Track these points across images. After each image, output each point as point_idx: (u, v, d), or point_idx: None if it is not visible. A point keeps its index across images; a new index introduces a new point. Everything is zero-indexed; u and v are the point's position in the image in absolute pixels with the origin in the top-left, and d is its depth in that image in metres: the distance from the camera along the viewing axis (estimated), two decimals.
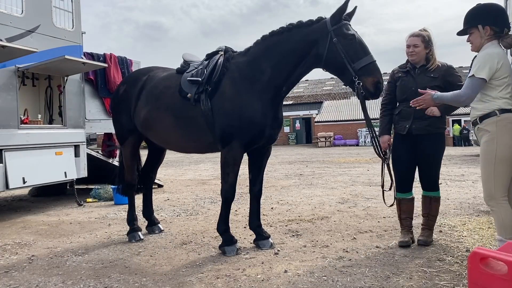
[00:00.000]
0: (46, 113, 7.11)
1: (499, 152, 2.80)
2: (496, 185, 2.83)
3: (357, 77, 3.26)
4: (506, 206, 2.83)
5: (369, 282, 2.91)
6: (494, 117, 2.82)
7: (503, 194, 2.84)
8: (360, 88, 3.27)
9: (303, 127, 36.42)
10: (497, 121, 2.81)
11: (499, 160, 2.80)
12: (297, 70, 3.54)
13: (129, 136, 4.39)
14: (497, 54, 2.82)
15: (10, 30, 5.70)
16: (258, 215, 4.00)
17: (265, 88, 3.57)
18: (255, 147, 3.76)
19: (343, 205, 5.91)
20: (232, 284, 2.98)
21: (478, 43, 2.93)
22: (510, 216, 2.81)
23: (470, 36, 2.97)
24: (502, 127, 2.79)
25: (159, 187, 8.49)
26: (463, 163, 12.78)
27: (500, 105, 2.81)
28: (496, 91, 2.83)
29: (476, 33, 2.92)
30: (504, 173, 2.82)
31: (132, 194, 4.52)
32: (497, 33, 2.88)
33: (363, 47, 3.31)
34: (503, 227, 2.83)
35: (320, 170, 11.62)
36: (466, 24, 2.98)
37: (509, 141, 2.79)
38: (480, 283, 2.34)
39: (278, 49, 3.52)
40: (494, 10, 2.92)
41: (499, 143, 2.80)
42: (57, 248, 4.09)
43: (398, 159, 3.78)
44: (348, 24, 3.35)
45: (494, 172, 2.83)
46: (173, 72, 4.15)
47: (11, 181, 5.52)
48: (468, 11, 2.99)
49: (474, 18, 2.93)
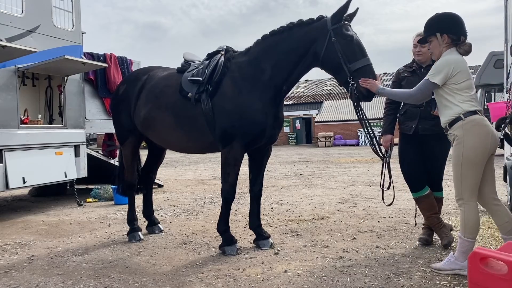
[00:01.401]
0: (46, 113, 7.11)
1: (465, 156, 2.91)
2: (464, 187, 2.94)
3: (352, 78, 3.26)
4: (472, 207, 2.95)
5: (369, 282, 2.91)
6: (460, 121, 2.92)
7: (471, 195, 2.94)
8: (354, 90, 3.27)
9: (303, 127, 36.38)
10: (463, 125, 2.91)
11: (466, 163, 2.91)
12: (297, 69, 3.54)
13: (129, 136, 4.39)
14: (454, 60, 2.95)
15: (10, 30, 5.70)
16: (258, 215, 4.00)
17: (266, 88, 3.57)
18: (256, 147, 3.76)
19: (343, 205, 5.91)
20: (232, 284, 2.98)
21: (438, 51, 3.08)
22: (474, 218, 2.93)
23: (430, 45, 3.12)
24: (468, 130, 2.89)
25: (159, 187, 8.48)
26: None
27: (465, 108, 2.91)
28: (458, 96, 2.95)
29: (435, 41, 3.07)
30: (471, 175, 2.92)
31: (132, 194, 4.52)
32: (454, 41, 3.02)
33: (360, 49, 3.31)
34: (465, 226, 2.96)
35: (320, 170, 11.62)
36: (426, 32, 3.12)
37: (474, 143, 2.88)
38: (480, 283, 2.34)
39: (279, 48, 3.51)
40: (451, 19, 3.06)
41: (465, 147, 2.90)
42: (57, 248, 4.09)
43: (405, 159, 3.75)
44: (348, 25, 3.35)
45: (461, 175, 2.94)
46: (173, 71, 4.14)
47: (11, 181, 5.52)
48: (428, 20, 3.13)
49: (432, 26, 3.08)
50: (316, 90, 40.43)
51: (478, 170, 2.91)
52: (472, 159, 2.88)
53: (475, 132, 2.87)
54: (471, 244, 2.96)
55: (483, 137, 2.88)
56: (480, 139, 2.88)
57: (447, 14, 3.08)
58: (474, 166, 2.89)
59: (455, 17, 3.06)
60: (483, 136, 2.88)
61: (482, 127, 2.89)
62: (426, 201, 3.71)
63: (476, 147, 2.88)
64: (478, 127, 2.88)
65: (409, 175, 3.75)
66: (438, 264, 3.11)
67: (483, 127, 2.89)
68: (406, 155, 3.75)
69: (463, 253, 2.95)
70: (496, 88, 14.33)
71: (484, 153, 2.90)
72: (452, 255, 3.04)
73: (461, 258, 2.97)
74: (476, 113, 2.91)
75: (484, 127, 2.89)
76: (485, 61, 14.83)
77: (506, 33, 5.87)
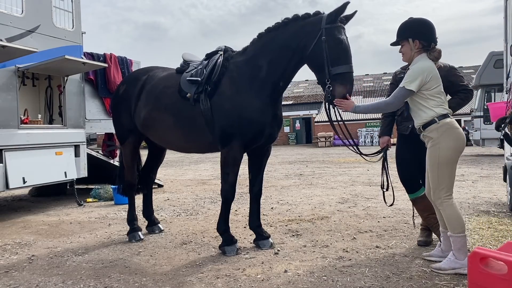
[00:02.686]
0: (46, 113, 7.12)
1: (442, 156, 3.04)
2: (441, 186, 3.06)
3: (330, 81, 3.27)
4: (451, 203, 3.07)
5: (369, 282, 2.91)
6: (434, 124, 3.06)
7: (449, 193, 3.08)
8: (329, 92, 3.28)
9: (303, 127, 36.37)
10: (438, 128, 3.05)
11: (443, 164, 3.04)
12: (291, 64, 3.52)
13: (129, 135, 4.39)
14: (427, 68, 3.07)
15: (10, 30, 5.70)
16: (258, 215, 4.00)
17: (263, 85, 3.57)
18: (255, 146, 3.76)
19: (343, 205, 5.91)
20: (232, 284, 2.98)
21: (409, 54, 3.19)
22: (456, 212, 3.06)
23: (401, 48, 3.23)
24: (443, 133, 3.04)
25: (159, 187, 8.49)
26: (463, 163, 12.77)
27: (438, 112, 3.06)
28: (431, 101, 3.08)
29: (406, 45, 3.18)
30: (448, 174, 3.06)
31: (132, 194, 4.52)
32: (425, 47, 3.13)
33: (346, 55, 3.30)
34: (450, 223, 3.06)
35: (320, 170, 11.61)
36: (398, 36, 3.22)
37: (450, 144, 3.04)
38: (480, 283, 2.35)
39: (274, 44, 3.52)
40: (423, 26, 3.16)
41: (442, 148, 3.04)
42: (57, 248, 4.09)
43: (402, 160, 3.76)
44: (341, 28, 3.33)
45: (439, 175, 3.06)
46: (172, 72, 4.15)
47: (11, 181, 5.52)
48: (401, 24, 3.23)
49: (405, 31, 3.18)
50: (316, 90, 40.40)
51: (453, 168, 3.08)
52: (449, 158, 3.04)
53: (449, 133, 3.04)
54: (463, 238, 3.04)
55: (457, 138, 3.05)
56: (454, 139, 3.05)
57: (420, 20, 3.18)
58: (451, 165, 3.06)
59: (427, 23, 3.15)
60: (457, 137, 3.05)
61: (455, 129, 3.06)
62: (422, 202, 3.71)
63: (452, 147, 3.04)
64: (452, 129, 3.05)
65: (405, 176, 3.76)
66: (438, 264, 3.12)
67: (456, 129, 3.07)
68: (403, 156, 3.76)
69: (460, 250, 3.02)
70: (496, 88, 14.34)
71: (458, 152, 3.08)
72: (451, 254, 3.06)
73: (460, 256, 3.01)
74: (448, 116, 3.09)
75: (456, 129, 3.07)
76: (485, 61, 14.84)
77: (506, 33, 5.87)
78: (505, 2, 5.82)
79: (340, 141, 20.51)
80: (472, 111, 15.95)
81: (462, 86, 3.62)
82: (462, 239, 3.03)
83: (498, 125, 4.02)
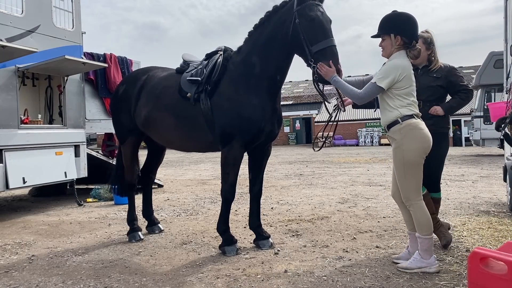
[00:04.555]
0: (46, 113, 7.11)
1: (406, 158, 3.00)
2: (410, 188, 3.04)
3: (313, 60, 3.24)
4: (420, 205, 3.05)
5: (369, 282, 2.91)
6: (398, 125, 3.01)
7: (417, 195, 3.05)
8: (314, 72, 3.26)
9: (303, 127, 36.36)
10: (401, 129, 3.00)
11: (408, 165, 3.00)
12: (282, 55, 3.52)
13: (129, 135, 4.40)
14: (402, 66, 2.98)
15: (10, 30, 5.70)
16: (258, 215, 4.00)
17: (260, 81, 3.58)
18: (256, 144, 3.76)
19: (343, 205, 5.91)
20: (232, 284, 2.98)
21: (389, 50, 3.09)
22: (425, 215, 3.04)
23: (382, 42, 3.12)
24: (406, 134, 2.98)
25: (159, 187, 8.48)
26: (463, 163, 12.77)
27: (402, 112, 2.99)
28: (398, 100, 3.01)
29: (388, 40, 3.07)
30: (413, 176, 3.02)
31: (132, 194, 4.52)
32: (406, 44, 3.04)
33: (322, 30, 3.24)
34: (419, 225, 3.05)
35: (320, 170, 11.61)
36: (380, 30, 3.10)
37: (412, 146, 2.98)
38: (480, 283, 2.34)
39: (262, 39, 3.54)
40: (407, 22, 3.04)
41: (405, 149, 2.99)
42: (57, 248, 4.09)
43: None
44: (313, 4, 3.27)
45: (405, 177, 3.03)
46: (172, 72, 4.16)
47: (11, 181, 5.52)
48: (384, 17, 3.10)
49: (388, 26, 3.06)
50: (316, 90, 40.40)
51: (419, 170, 3.03)
52: (413, 160, 2.99)
53: (412, 135, 2.98)
54: (430, 240, 3.06)
55: (420, 139, 2.99)
56: (417, 141, 2.99)
57: (404, 16, 3.06)
58: (415, 167, 3.01)
59: (411, 19, 3.05)
60: (420, 138, 2.99)
61: (418, 130, 2.99)
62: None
63: (415, 149, 2.99)
64: (414, 130, 2.98)
65: None
66: (404, 263, 3.15)
67: (419, 130, 3.00)
68: None
69: (426, 251, 3.05)
70: (496, 88, 14.34)
71: (422, 154, 3.01)
72: (417, 253, 3.09)
73: (426, 255, 3.04)
74: (413, 117, 3.01)
75: (420, 130, 3.00)
76: (485, 61, 14.84)
77: (506, 33, 5.87)
78: (505, 2, 5.83)
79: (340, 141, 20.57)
80: (472, 111, 15.97)
81: (462, 86, 3.62)
82: (430, 240, 3.04)
83: (498, 125, 4.02)
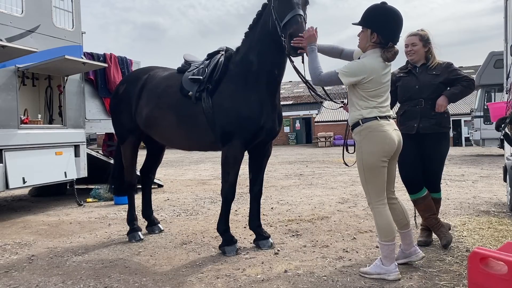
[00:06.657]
0: (46, 113, 7.11)
1: (365, 161, 2.93)
2: (370, 191, 2.96)
3: (284, 35, 3.25)
4: (381, 210, 2.94)
5: (369, 282, 2.91)
6: (359, 126, 2.95)
7: (378, 199, 2.95)
8: (285, 47, 3.26)
9: (303, 127, 36.37)
10: (361, 131, 2.94)
11: (367, 168, 2.93)
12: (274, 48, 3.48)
13: (129, 135, 4.40)
14: (371, 68, 2.86)
15: (10, 30, 5.70)
16: (258, 215, 4.00)
17: (258, 77, 3.59)
18: (257, 143, 3.76)
19: (343, 205, 5.91)
20: (232, 284, 2.98)
21: (364, 44, 2.97)
22: (385, 220, 2.94)
23: (360, 32, 2.99)
24: (365, 136, 2.92)
25: (159, 187, 8.48)
26: (463, 163, 12.77)
27: (363, 115, 2.91)
28: (363, 102, 2.93)
29: (365, 33, 2.94)
30: (374, 179, 2.94)
31: (132, 194, 4.52)
32: (382, 43, 2.90)
33: (289, 5, 3.22)
34: (379, 230, 2.97)
35: (320, 170, 11.61)
36: (361, 21, 2.95)
37: (370, 148, 2.90)
38: (480, 283, 2.34)
39: (257, 36, 3.57)
40: (389, 22, 2.89)
41: (363, 152, 2.93)
42: (57, 248, 4.09)
43: (406, 161, 3.62)
44: None
45: (365, 180, 2.96)
46: (174, 71, 4.17)
47: (11, 181, 5.52)
48: (369, 8, 2.93)
49: (368, 19, 2.92)
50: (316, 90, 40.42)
51: (380, 173, 2.93)
52: (371, 163, 2.90)
53: (370, 137, 2.90)
54: (390, 246, 2.93)
55: (379, 142, 2.89)
56: (375, 144, 2.89)
57: (388, 14, 2.89)
58: (374, 170, 2.91)
59: (394, 20, 2.89)
60: (378, 141, 2.89)
61: (378, 133, 2.89)
62: (424, 202, 3.68)
63: (373, 152, 2.90)
64: (373, 133, 2.89)
65: (409, 177, 3.70)
66: (365, 268, 3.09)
67: (379, 133, 2.89)
68: (407, 157, 3.61)
69: (386, 257, 2.94)
70: (496, 88, 14.34)
71: (382, 157, 2.90)
72: (379, 259, 3.02)
73: (386, 262, 2.94)
74: (376, 119, 2.90)
75: (379, 132, 2.89)
76: (485, 61, 14.85)
77: (506, 33, 5.87)
78: (505, 2, 5.83)
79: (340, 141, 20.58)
80: (472, 111, 15.97)
81: (463, 77, 3.61)
82: (390, 247, 2.93)
83: (498, 125, 4.02)
